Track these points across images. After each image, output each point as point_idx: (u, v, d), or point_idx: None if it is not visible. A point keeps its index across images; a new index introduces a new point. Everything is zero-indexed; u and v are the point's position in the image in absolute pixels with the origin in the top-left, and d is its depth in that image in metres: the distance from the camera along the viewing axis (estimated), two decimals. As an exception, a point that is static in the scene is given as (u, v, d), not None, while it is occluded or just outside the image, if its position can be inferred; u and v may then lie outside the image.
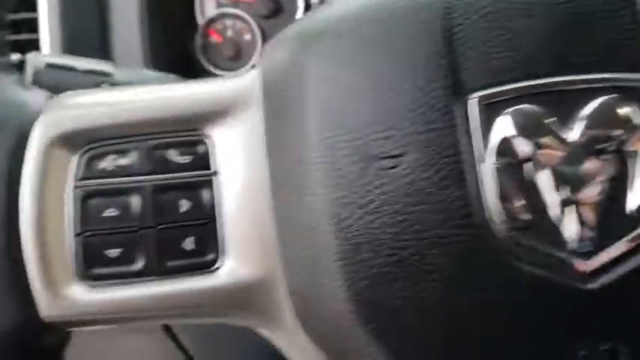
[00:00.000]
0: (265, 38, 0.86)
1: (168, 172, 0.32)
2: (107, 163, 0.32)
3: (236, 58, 0.86)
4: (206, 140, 0.33)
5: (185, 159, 0.32)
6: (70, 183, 0.32)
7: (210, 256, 0.32)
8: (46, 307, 0.31)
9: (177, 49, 0.84)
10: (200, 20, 0.86)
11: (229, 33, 0.87)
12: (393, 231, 0.28)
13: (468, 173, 0.28)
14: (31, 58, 0.45)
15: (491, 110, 0.28)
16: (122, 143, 0.32)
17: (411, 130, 0.28)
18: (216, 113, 0.33)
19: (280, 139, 0.31)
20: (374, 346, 0.29)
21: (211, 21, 0.86)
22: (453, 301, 0.28)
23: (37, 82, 0.45)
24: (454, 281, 0.28)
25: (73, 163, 0.32)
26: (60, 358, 0.34)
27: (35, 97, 0.33)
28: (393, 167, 0.28)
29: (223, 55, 0.86)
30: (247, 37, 0.87)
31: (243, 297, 0.32)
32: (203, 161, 0.33)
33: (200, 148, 0.33)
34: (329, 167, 0.29)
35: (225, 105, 0.33)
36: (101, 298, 0.31)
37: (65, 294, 0.31)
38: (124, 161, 0.32)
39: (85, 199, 0.32)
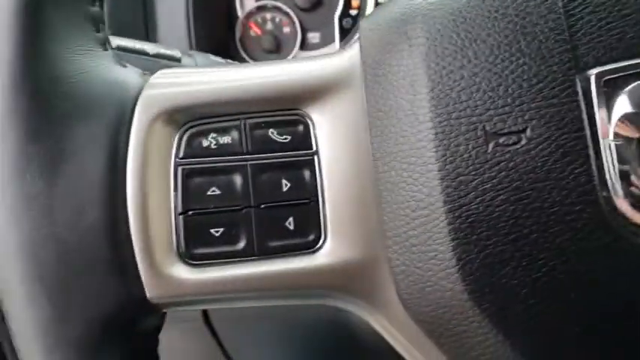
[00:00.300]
0: (304, 31, 0.86)
1: (268, 152, 0.32)
2: (208, 142, 0.32)
3: (275, 51, 0.86)
4: (306, 119, 0.32)
5: (285, 138, 0.32)
6: (173, 161, 0.31)
7: (312, 236, 0.32)
8: (149, 287, 0.30)
9: (218, 42, 0.83)
10: (240, 13, 0.86)
11: (269, 26, 0.86)
12: (511, 209, 0.28)
13: (590, 149, 0.27)
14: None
15: (611, 86, 0.28)
16: (222, 122, 0.32)
17: (532, 105, 0.28)
18: (316, 93, 0.32)
19: (385, 117, 0.30)
20: (487, 327, 0.29)
21: (251, 14, 0.86)
22: (571, 279, 0.28)
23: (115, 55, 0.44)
24: (574, 259, 0.28)
25: (175, 141, 0.32)
26: (157, 341, 0.33)
27: (131, 74, 0.33)
28: (513, 144, 0.28)
29: (262, 48, 0.86)
30: (287, 30, 0.86)
31: (344, 278, 0.32)
32: (303, 141, 0.32)
33: (299, 128, 0.32)
34: (444, 144, 0.28)
35: (324, 84, 0.32)
36: (204, 278, 0.31)
37: (168, 274, 0.31)
38: (224, 140, 0.32)
39: (188, 177, 0.31)
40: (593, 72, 0.28)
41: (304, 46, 0.87)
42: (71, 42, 0.31)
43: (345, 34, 0.86)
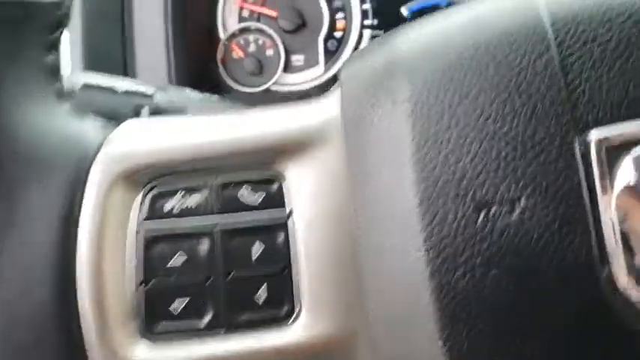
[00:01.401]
0: (288, 54, 0.84)
1: (238, 214, 0.29)
2: (173, 203, 0.29)
3: (258, 73, 0.84)
4: (279, 177, 0.30)
5: (257, 198, 0.29)
6: (133, 226, 0.28)
7: (285, 308, 0.29)
8: None
9: (199, 64, 0.80)
10: (222, 35, 0.83)
11: (251, 48, 0.84)
12: (504, 286, 0.25)
13: (590, 222, 0.25)
14: (67, 78, 0.42)
15: (613, 151, 0.25)
16: (189, 180, 0.29)
17: (526, 171, 0.25)
18: (292, 148, 0.30)
19: (368, 178, 0.28)
20: None
21: (233, 36, 0.83)
22: None
23: (73, 104, 0.42)
24: (569, 343, 0.25)
25: (136, 203, 0.29)
26: None
27: (91, 126, 0.30)
28: (506, 214, 0.25)
29: (245, 70, 0.83)
30: (269, 52, 0.84)
31: (321, 354, 0.29)
32: (277, 201, 0.29)
33: (273, 187, 0.30)
34: (431, 212, 0.26)
35: (301, 139, 0.30)
36: (166, 356, 0.28)
37: (125, 353, 0.28)
38: (191, 201, 0.29)
39: (150, 243, 0.28)
40: (593, 135, 0.25)
41: (288, 68, 0.84)
42: (24, 99, 0.28)
43: (330, 56, 0.84)
